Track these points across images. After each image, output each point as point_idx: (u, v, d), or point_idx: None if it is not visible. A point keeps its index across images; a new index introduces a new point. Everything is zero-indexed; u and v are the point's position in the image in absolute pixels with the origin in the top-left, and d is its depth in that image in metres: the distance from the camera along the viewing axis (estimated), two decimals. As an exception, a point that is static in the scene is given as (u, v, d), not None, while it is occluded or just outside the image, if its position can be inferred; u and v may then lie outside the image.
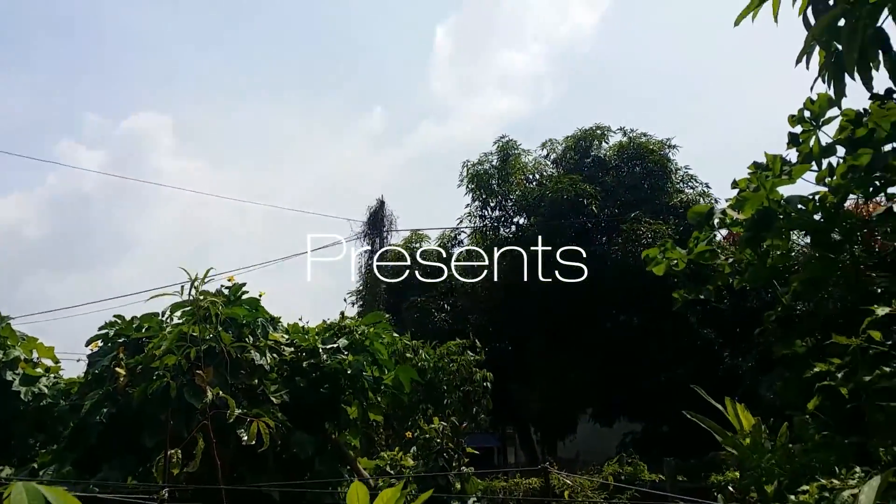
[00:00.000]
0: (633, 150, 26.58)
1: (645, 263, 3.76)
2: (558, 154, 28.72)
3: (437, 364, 12.52)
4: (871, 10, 3.95)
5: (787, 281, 3.68)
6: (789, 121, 3.50)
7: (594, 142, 27.92)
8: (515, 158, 28.12)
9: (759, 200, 3.31)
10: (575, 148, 27.99)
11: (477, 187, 27.87)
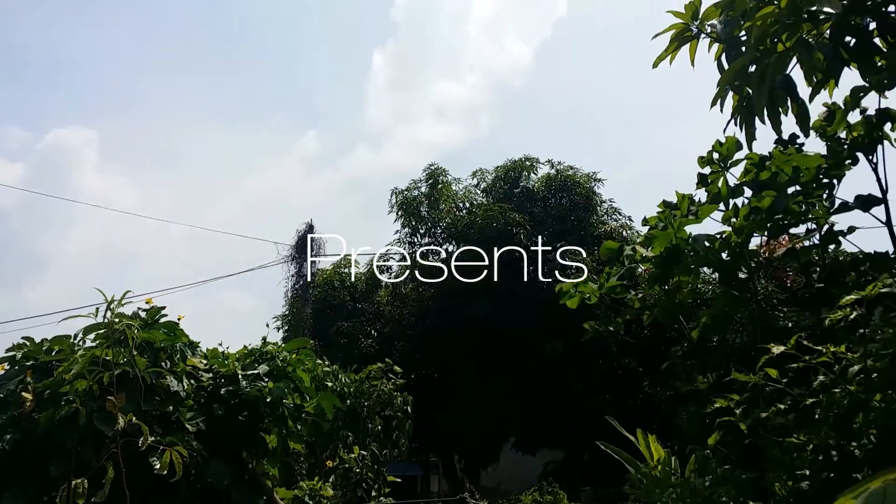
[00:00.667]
0: (561, 183, 27.21)
1: (559, 296, 3.86)
2: (488, 183, 29.12)
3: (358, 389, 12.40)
4: (779, 59, 4.19)
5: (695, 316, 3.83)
6: (699, 162, 3.67)
7: (523, 173, 28.46)
8: (445, 186, 28.38)
9: (667, 238, 3.45)
10: (505, 178, 28.44)
11: (406, 214, 27.97)
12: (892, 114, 3.65)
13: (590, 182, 27.31)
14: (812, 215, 3.53)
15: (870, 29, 4.08)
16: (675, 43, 4.75)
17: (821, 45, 4.01)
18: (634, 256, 3.56)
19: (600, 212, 26.88)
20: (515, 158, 28.69)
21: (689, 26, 4.68)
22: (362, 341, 26.87)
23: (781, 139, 3.75)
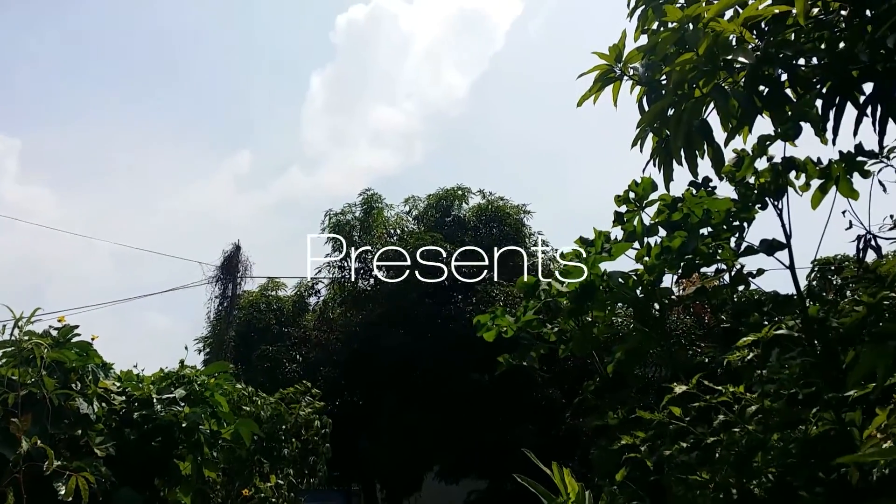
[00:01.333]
0: (492, 213, 27.51)
1: (476, 328, 3.88)
2: (420, 211, 29.21)
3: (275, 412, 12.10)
4: (696, 103, 4.34)
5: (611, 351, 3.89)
6: (616, 201, 3.76)
7: (455, 202, 28.67)
8: (379, 212, 28.36)
9: (582, 274, 3.51)
10: (436, 206, 28.59)
11: (338, 238, 27.78)
12: (797, 162, 3.82)
13: (519, 213, 27.72)
14: (720, 257, 3.65)
15: (782, 80, 4.27)
16: (599, 83, 4.87)
17: (736, 93, 4.17)
18: (550, 291, 3.60)
19: (529, 243, 27.25)
20: (448, 187, 28.92)
21: (613, 68, 4.81)
22: (287, 366, 26.41)
23: (695, 181, 3.87)
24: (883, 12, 3.77)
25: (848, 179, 3.73)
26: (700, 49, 4.02)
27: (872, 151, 3.75)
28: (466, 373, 24.90)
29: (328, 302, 28.42)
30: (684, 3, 4.85)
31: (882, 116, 3.88)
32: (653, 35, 4.75)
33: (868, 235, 5.36)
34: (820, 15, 4.40)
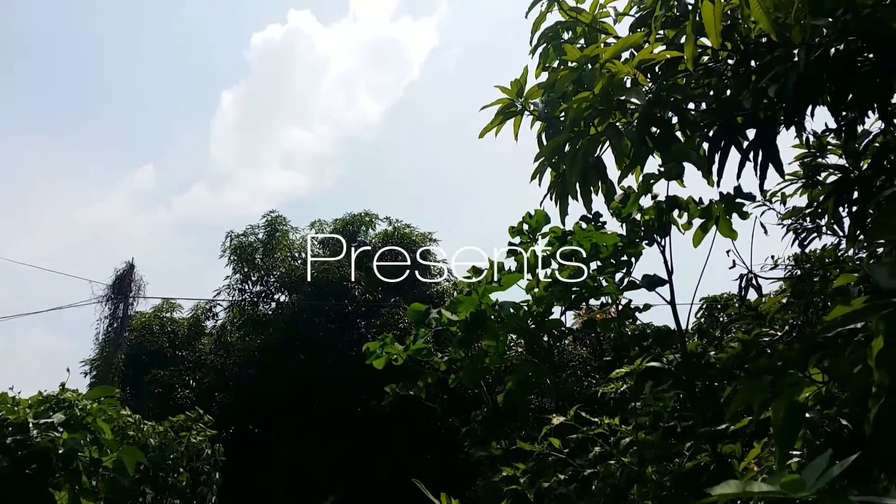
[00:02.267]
0: (398, 240, 27.51)
1: (366, 356, 3.82)
2: (326, 235, 28.90)
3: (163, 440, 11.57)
4: (591, 141, 4.45)
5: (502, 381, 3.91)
6: (510, 232, 3.80)
7: (362, 227, 28.54)
8: (283, 235, 27.87)
9: (472, 304, 3.51)
10: (343, 231, 28.36)
11: (240, 259, 27.10)
12: (680, 201, 3.97)
13: (426, 241, 27.83)
14: (605, 291, 3.73)
15: (672, 122, 4.45)
16: (501, 117, 4.94)
17: (629, 133, 4.30)
18: (441, 319, 3.59)
19: (434, 271, 27.37)
20: (355, 212, 28.78)
21: (515, 102, 4.89)
22: (179, 392, 25.37)
23: (586, 216, 3.97)
24: (766, 63, 3.99)
25: (727, 220, 3.90)
26: (596, 88, 4.13)
27: (750, 194, 3.94)
28: (367, 400, 24.63)
29: (226, 325, 27.56)
30: (583, 44, 5.00)
31: (763, 161, 4.08)
32: (553, 72, 4.86)
33: (750, 274, 5.62)
34: (709, 62, 4.61)
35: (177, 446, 11.59)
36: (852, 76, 3.68)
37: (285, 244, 27.71)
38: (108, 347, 27.86)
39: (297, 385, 23.48)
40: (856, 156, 4.42)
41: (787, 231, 7.14)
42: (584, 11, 4.98)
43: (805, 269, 6.85)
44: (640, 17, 4.69)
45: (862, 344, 2.47)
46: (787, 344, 5.23)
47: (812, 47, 3.65)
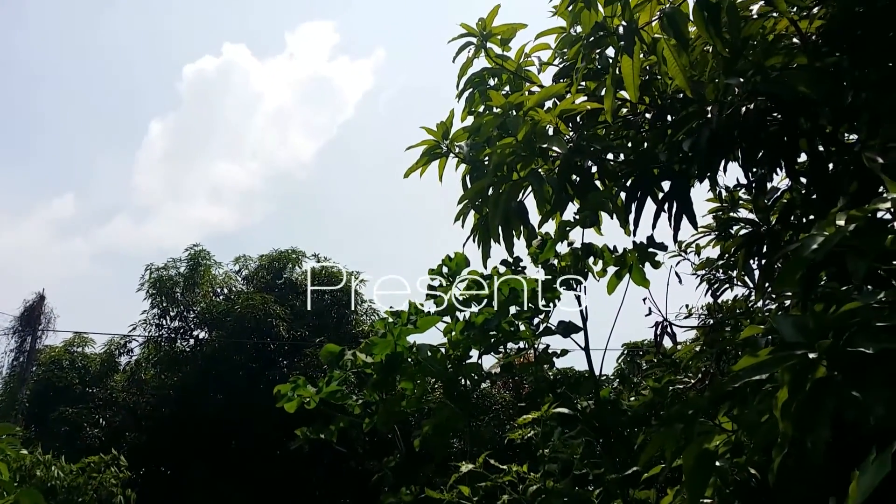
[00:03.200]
0: (324, 278, 27.18)
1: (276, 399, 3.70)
2: (251, 272, 28.35)
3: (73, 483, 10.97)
4: (513, 186, 4.49)
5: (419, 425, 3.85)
6: (430, 274, 3.78)
7: (288, 265, 28.11)
8: (206, 270, 27.16)
9: (387, 346, 3.46)
10: (269, 268, 27.89)
11: (159, 293, 26.22)
12: (595, 249, 4.04)
13: (353, 280, 27.59)
14: (520, 335, 3.75)
15: (592, 171, 4.54)
16: (426, 157, 4.95)
17: (550, 179, 4.37)
18: (356, 361, 3.53)
19: (360, 311, 27.12)
20: (282, 249, 28.34)
21: (440, 144, 4.92)
22: (87, 430, 24.15)
23: (507, 260, 3.99)
24: (681, 118, 4.13)
25: (640, 269, 3.99)
26: (519, 135, 4.19)
27: (662, 244, 4.05)
28: (286, 442, 23.99)
29: (141, 362, 26.51)
30: (508, 91, 5.09)
31: (677, 213, 4.19)
32: (478, 117, 4.92)
33: (665, 322, 5.74)
34: (628, 115, 4.75)
35: (87, 489, 11.01)
36: (762, 134, 3.84)
37: (207, 279, 27.02)
38: (12, 382, 26.38)
39: (214, 426, 22.69)
40: (765, 211, 4.60)
41: (702, 281, 7.37)
42: (510, 59, 5.07)
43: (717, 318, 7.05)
44: (563, 68, 4.81)
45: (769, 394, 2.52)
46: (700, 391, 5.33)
47: (725, 105, 3.80)
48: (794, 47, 4.10)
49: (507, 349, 3.74)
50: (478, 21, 5.06)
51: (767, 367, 2.23)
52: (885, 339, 1.97)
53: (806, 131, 3.66)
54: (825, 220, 2.39)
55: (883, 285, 2.36)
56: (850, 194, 3.25)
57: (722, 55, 3.83)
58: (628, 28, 3.51)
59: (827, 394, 2.15)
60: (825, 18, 4.37)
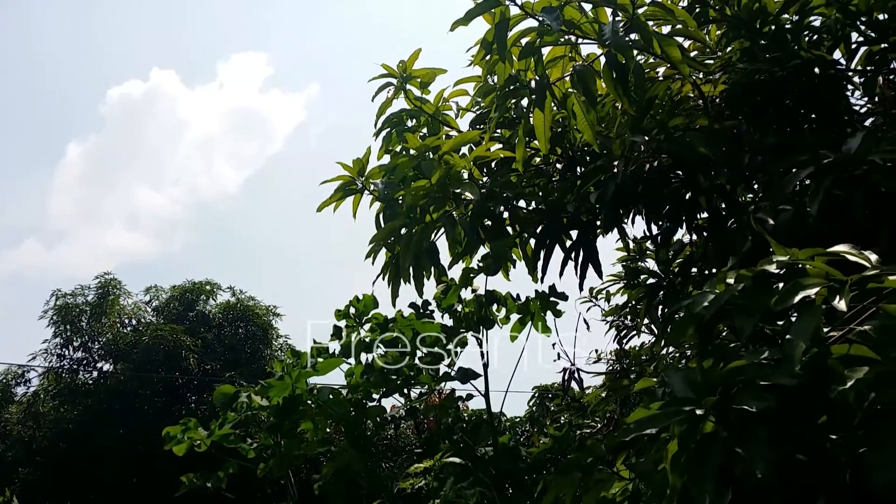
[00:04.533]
0: (240, 312, 26.57)
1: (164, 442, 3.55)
2: (162, 302, 27.41)
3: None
4: (426, 227, 4.51)
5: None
6: (336, 315, 3.73)
7: (202, 296, 27.33)
8: (115, 299, 26.12)
9: (285, 388, 3.38)
10: (181, 299, 27.04)
11: (63, 322, 25.02)
12: (498, 296, 4.09)
13: (269, 315, 27.04)
14: (421, 380, 3.73)
15: (504, 216, 4.61)
16: (340, 193, 4.93)
17: (463, 223, 4.40)
18: (251, 404, 3.43)
19: (275, 347, 26.56)
20: (196, 280, 27.55)
21: (356, 180, 4.91)
22: (-27, 465, 22.66)
23: (414, 303, 3.99)
24: (589, 171, 4.25)
25: (542, 317, 4.05)
26: (434, 178, 4.23)
27: (564, 293, 4.14)
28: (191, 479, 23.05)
29: (39, 393, 25.11)
30: (426, 133, 5.14)
31: (583, 261, 4.29)
32: (395, 157, 4.94)
33: (573, 367, 5.82)
34: (541, 164, 4.86)
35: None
36: (664, 190, 3.98)
37: (116, 309, 25.98)
38: None
39: (115, 462, 21.63)
40: (666, 263, 4.76)
41: (611, 327, 7.55)
42: (429, 102, 5.13)
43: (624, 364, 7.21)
44: (480, 115, 4.89)
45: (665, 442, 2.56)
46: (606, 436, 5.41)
47: (630, 161, 3.93)
48: (698, 109, 4.30)
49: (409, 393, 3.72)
50: (398, 63, 5.11)
51: (657, 421, 2.27)
52: (767, 398, 2.04)
53: (705, 189, 3.82)
54: (717, 278, 2.47)
55: (770, 344, 2.45)
56: (744, 253, 3.39)
57: (629, 113, 3.97)
58: (540, 82, 3.60)
59: (713, 449, 2.20)
60: (728, 84, 4.60)
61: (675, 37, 3.72)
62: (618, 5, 3.30)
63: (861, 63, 5.01)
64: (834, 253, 2.23)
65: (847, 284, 2.06)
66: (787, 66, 4.50)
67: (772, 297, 2.23)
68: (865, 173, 3.09)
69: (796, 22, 4.99)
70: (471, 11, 3.41)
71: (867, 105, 4.84)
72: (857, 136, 3.13)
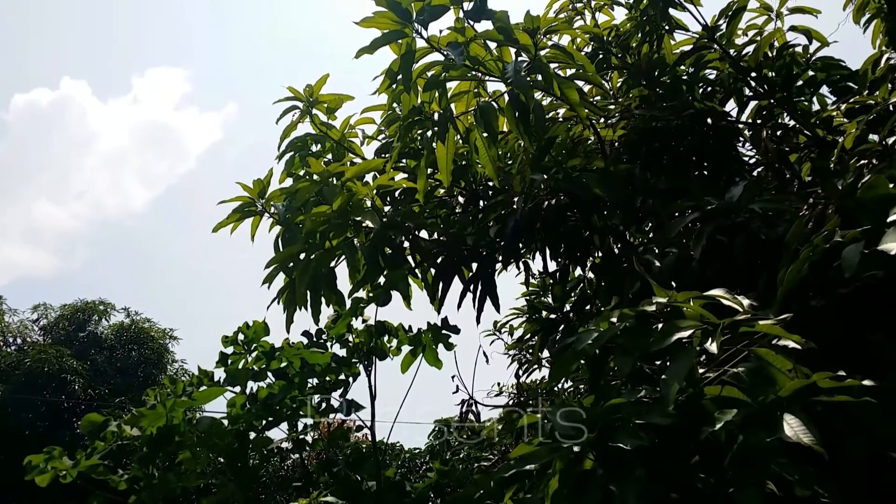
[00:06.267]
0: (134, 334, 25.45)
1: (26, 471, 3.32)
2: (50, 321, 25.95)
3: None
4: (325, 254, 4.43)
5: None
6: (222, 341, 3.60)
7: (94, 316, 26.02)
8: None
9: (158, 418, 3.23)
10: (71, 319, 25.67)
11: (-64, 339, 23.38)
12: (389, 327, 4.06)
13: (165, 338, 25.99)
14: (303, 412, 3.65)
15: (404, 245, 4.59)
16: (239, 214, 4.81)
17: (363, 250, 4.35)
18: (121, 433, 3.25)
19: (171, 371, 25.52)
20: (88, 300, 26.21)
21: (255, 202, 4.80)
22: None
23: (307, 331, 3.90)
24: (490, 206, 4.29)
25: (434, 349, 4.05)
26: (335, 205, 4.17)
27: (456, 327, 4.14)
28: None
29: None
30: (331, 159, 5.08)
31: (481, 294, 4.31)
32: (298, 180, 4.86)
33: (470, 400, 5.82)
34: (445, 196, 4.88)
35: None
36: (561, 228, 4.06)
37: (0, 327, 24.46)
38: None
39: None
40: (562, 299, 4.84)
41: (513, 360, 7.60)
42: (335, 128, 5.08)
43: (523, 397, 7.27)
44: (384, 144, 4.88)
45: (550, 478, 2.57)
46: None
47: (530, 197, 4.00)
48: (596, 151, 4.42)
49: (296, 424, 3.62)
50: (305, 87, 5.05)
51: (537, 457, 2.28)
52: (642, 437, 2.07)
53: (599, 229, 3.91)
54: (601, 317, 2.52)
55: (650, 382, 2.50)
56: (634, 292, 3.47)
57: (530, 151, 4.05)
58: (443, 116, 3.62)
59: (590, 486, 2.22)
60: (627, 129, 4.77)
61: (576, 80, 3.82)
62: (521, 46, 3.36)
63: (751, 116, 5.30)
64: (710, 296, 2.31)
65: (719, 328, 2.13)
66: (682, 114, 4.70)
67: (651, 338, 2.28)
68: (746, 221, 3.23)
69: (692, 74, 5.24)
70: (376, 41, 3.40)
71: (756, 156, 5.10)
72: (739, 186, 3.28)
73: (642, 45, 5.13)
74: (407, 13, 3.29)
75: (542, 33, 3.40)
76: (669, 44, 5.15)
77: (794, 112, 5.00)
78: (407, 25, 3.34)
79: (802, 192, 4.09)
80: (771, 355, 2.14)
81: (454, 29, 3.41)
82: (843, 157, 3.91)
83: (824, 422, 2.04)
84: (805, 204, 3.14)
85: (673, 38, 5.17)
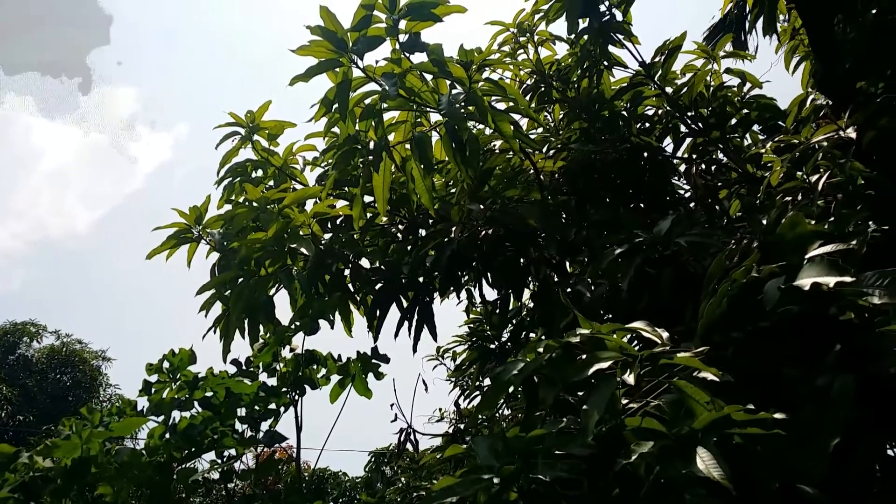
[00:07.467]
0: (65, 357, 24.63)
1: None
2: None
3: None
4: (261, 280, 4.38)
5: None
6: (147, 369, 3.52)
7: (25, 338, 25.12)
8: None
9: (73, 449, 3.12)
10: (1, 341, 24.73)
11: None
12: (318, 355, 4.04)
13: (97, 359, 25.21)
14: (225, 444, 3.58)
15: (344, 272, 4.56)
16: (175, 240, 4.73)
17: (301, 277, 4.31)
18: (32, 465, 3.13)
19: (103, 396, 24.74)
20: (18, 322, 25.28)
21: (192, 228, 4.73)
22: None
23: (236, 360, 3.84)
24: (428, 235, 4.30)
25: (363, 379, 4.02)
26: (270, 231, 4.13)
27: (385, 356, 4.13)
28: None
29: None
30: (273, 185, 5.04)
31: (419, 322, 4.30)
32: (237, 206, 4.81)
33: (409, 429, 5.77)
34: (385, 224, 4.88)
35: None
36: (498, 258, 4.09)
37: (-78, 349, 23.42)
38: None
39: None
40: (500, 328, 4.86)
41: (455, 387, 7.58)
42: (277, 155, 5.06)
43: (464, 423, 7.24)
44: (325, 172, 4.87)
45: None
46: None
47: (467, 227, 4.02)
48: (535, 182, 4.48)
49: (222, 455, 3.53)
50: (247, 113, 5.02)
51: (459, 489, 2.26)
52: (560, 468, 2.08)
53: (535, 260, 3.95)
54: (528, 347, 2.53)
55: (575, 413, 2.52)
56: (565, 323, 3.51)
57: (468, 181, 4.08)
58: (378, 144, 3.64)
59: (512, 519, 2.21)
60: (566, 161, 4.85)
61: (513, 113, 3.87)
62: (455, 78, 3.40)
63: (687, 152, 5.44)
64: (632, 328, 2.35)
65: (637, 359, 2.16)
66: (619, 148, 4.81)
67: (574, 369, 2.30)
68: (674, 254, 3.30)
69: (630, 109, 5.37)
70: (311, 69, 3.41)
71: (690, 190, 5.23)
72: (667, 219, 3.35)
73: (582, 80, 5.23)
74: (343, 43, 3.31)
75: (476, 67, 3.45)
76: (608, 79, 5.27)
77: (728, 149, 5.16)
78: (343, 55, 3.35)
79: (730, 227, 4.21)
80: (689, 387, 2.18)
81: (391, 60, 3.44)
82: (770, 192, 4.04)
83: (739, 454, 2.08)
84: (732, 238, 3.22)
85: (612, 74, 5.29)
